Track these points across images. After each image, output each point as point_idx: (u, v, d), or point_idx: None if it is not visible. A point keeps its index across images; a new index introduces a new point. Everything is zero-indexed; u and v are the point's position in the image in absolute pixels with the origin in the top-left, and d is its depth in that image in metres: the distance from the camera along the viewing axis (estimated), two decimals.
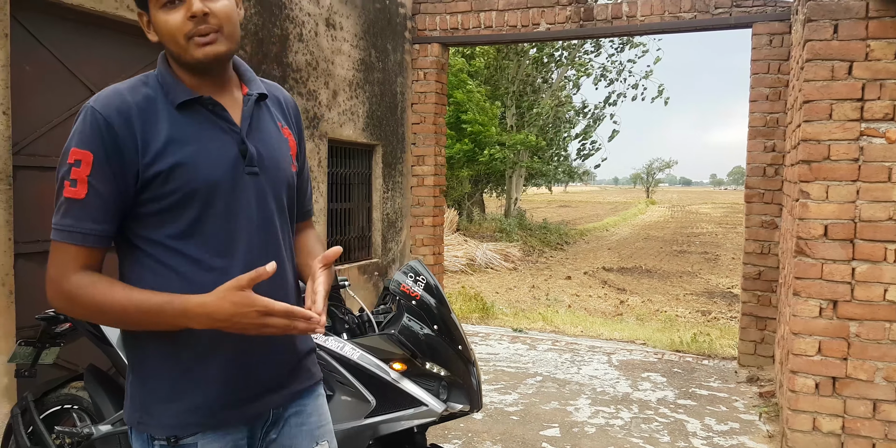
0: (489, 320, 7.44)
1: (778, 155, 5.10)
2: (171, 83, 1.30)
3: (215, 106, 1.32)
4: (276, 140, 1.42)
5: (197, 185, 1.27)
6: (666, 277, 14.22)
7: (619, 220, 32.39)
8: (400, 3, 6.06)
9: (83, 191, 1.22)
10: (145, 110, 1.26)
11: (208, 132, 1.30)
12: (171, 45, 1.28)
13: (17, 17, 2.90)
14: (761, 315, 5.19)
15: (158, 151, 1.25)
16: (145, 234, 1.29)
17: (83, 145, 1.22)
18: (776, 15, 5.11)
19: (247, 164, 1.33)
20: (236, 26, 1.31)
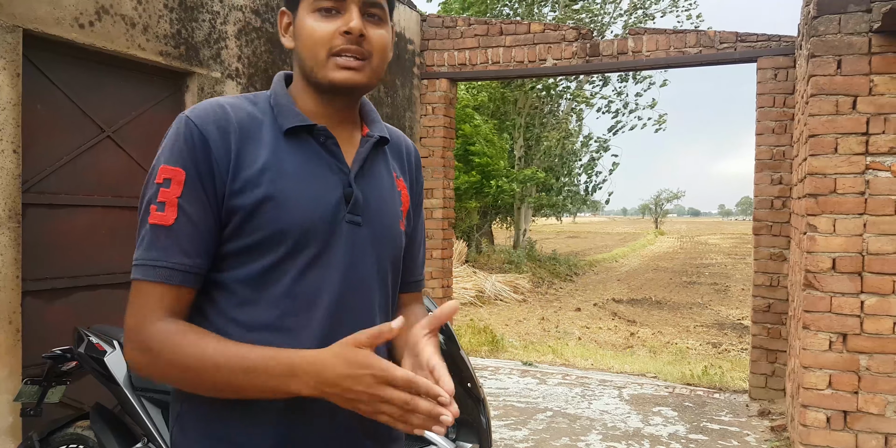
0: (499, 353, 7.39)
1: (785, 187, 5.11)
2: (284, 106, 1.13)
3: (328, 139, 1.13)
4: (387, 191, 1.22)
5: (287, 225, 1.06)
6: (676, 309, 14.12)
7: (628, 251, 32.29)
8: (408, 39, 6.18)
9: (172, 215, 1.02)
10: (247, 129, 1.09)
11: (313, 167, 1.11)
12: (307, 57, 1.11)
13: (29, 56, 2.98)
14: (771, 348, 5.14)
15: (250, 179, 1.06)
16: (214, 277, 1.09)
17: (174, 161, 1.04)
18: (780, 49, 5.18)
19: (349, 211, 1.12)
20: (385, 62, 1.15)
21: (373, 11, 1.12)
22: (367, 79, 1.11)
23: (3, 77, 2.79)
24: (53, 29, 3.00)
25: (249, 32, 4.26)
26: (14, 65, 2.83)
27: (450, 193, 6.62)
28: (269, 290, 1.07)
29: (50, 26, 2.98)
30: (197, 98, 3.85)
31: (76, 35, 3.10)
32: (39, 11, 2.93)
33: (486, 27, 6.13)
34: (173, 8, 3.63)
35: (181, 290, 1.04)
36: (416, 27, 6.29)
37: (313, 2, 1.10)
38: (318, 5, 1.10)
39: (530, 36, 5.98)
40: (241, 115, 1.09)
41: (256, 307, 1.07)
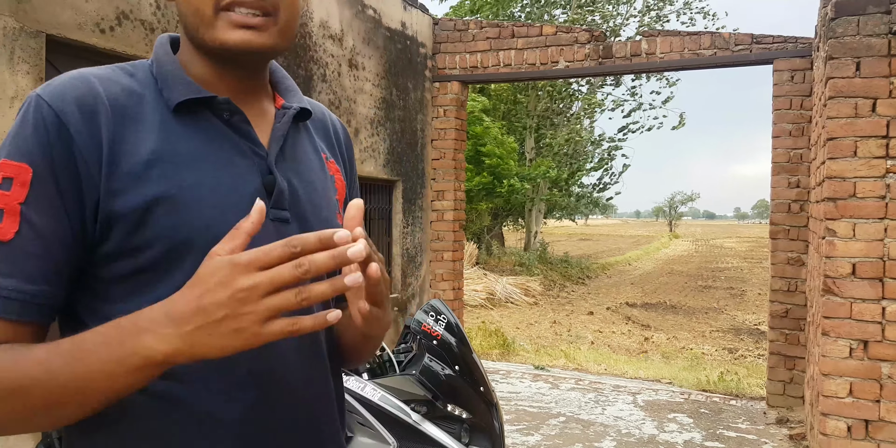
0: (510, 357, 7.35)
1: (803, 191, 5.04)
2: (172, 74, 0.86)
3: (234, 114, 0.87)
4: (317, 176, 0.96)
5: (191, 233, 0.80)
6: (691, 313, 14.00)
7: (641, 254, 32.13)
8: (420, 43, 6.17)
9: (12, 228, 0.74)
10: (123, 108, 0.82)
11: (218, 152, 0.85)
12: (190, 13, 0.84)
13: (52, 60, 3.00)
14: (790, 354, 5.07)
15: (134, 173, 0.79)
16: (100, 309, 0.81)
17: (17, 155, 0.76)
18: (797, 51, 5.11)
19: (272, 206, 0.87)
20: (297, 16, 0.88)
21: None
22: (272, 40, 0.84)
23: (26, 81, 2.82)
24: (75, 34, 3.03)
25: None
26: (37, 69, 2.87)
27: (461, 196, 6.59)
28: None
29: (72, 31, 3.02)
30: None
31: (97, 40, 3.13)
32: (62, 17, 2.96)
33: (498, 30, 6.11)
34: None
35: (18, 328, 0.75)
36: (427, 31, 6.28)
37: None
38: None
39: (542, 38, 5.94)
40: (113, 89, 0.82)
41: None
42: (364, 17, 5.32)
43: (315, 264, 0.65)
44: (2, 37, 2.75)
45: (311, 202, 0.92)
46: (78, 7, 3.04)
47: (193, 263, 0.74)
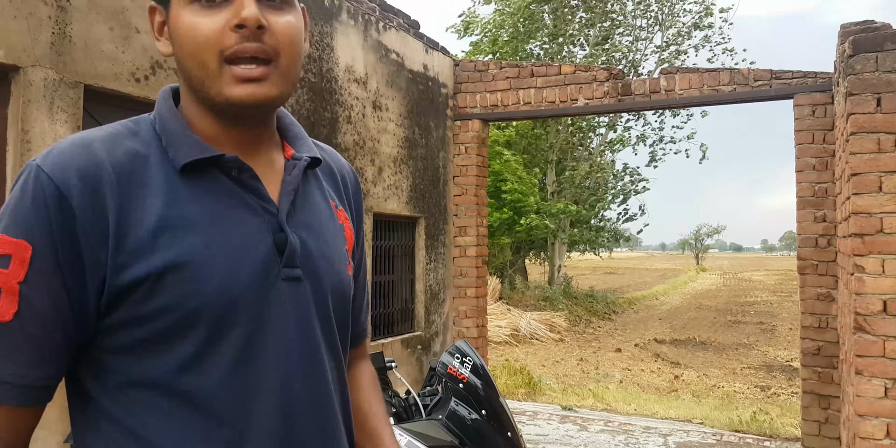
0: (536, 396, 7.25)
1: (829, 225, 4.98)
2: (177, 133, 0.83)
3: (243, 171, 0.84)
4: (329, 228, 0.94)
5: (203, 300, 0.77)
6: (721, 350, 13.73)
7: (668, 288, 31.71)
8: (442, 83, 6.28)
9: (10, 308, 0.72)
10: (128, 175, 0.78)
11: (227, 212, 0.82)
12: (192, 66, 0.81)
13: (89, 109, 3.13)
14: (824, 393, 4.94)
15: (141, 244, 0.76)
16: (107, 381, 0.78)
17: (15, 231, 0.74)
18: (817, 86, 5.12)
19: (284, 265, 0.84)
20: (298, 60, 0.85)
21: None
22: (276, 90, 0.83)
23: (64, 130, 2.94)
24: (112, 84, 3.17)
25: None
26: (75, 118, 2.99)
27: (483, 231, 6.61)
28: (189, 393, 0.77)
29: (109, 81, 3.15)
30: None
31: (132, 89, 3.26)
32: (100, 68, 3.10)
33: (518, 70, 6.20)
34: None
35: (22, 413, 0.74)
36: (448, 71, 6.40)
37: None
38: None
39: (561, 77, 6.02)
40: (117, 154, 0.79)
41: (172, 419, 0.77)
42: (387, 60, 5.45)
43: None
44: (42, 88, 2.88)
45: (324, 257, 0.90)
46: (115, 58, 3.17)
47: (201, 332, 0.77)
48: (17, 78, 2.81)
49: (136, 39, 3.28)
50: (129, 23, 3.25)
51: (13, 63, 2.77)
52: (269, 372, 0.81)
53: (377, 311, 5.46)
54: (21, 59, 2.80)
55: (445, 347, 6.31)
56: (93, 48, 3.08)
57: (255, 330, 0.81)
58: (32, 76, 2.84)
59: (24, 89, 2.82)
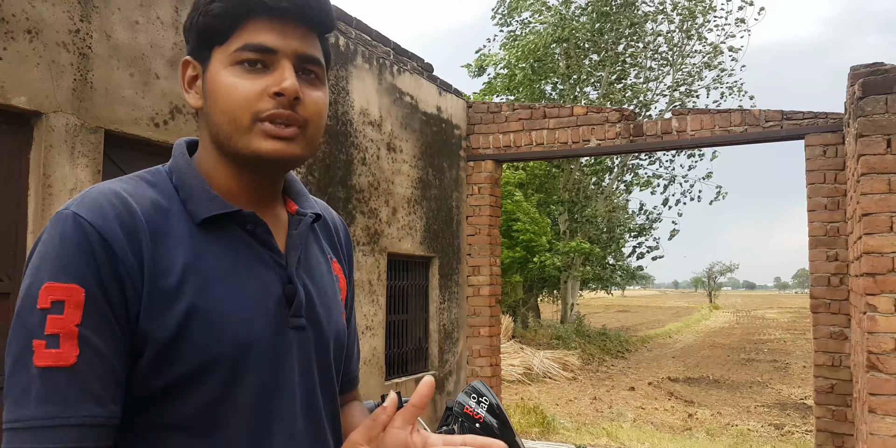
0: (550, 435, 7.18)
1: (842, 264, 5.00)
2: (196, 188, 0.88)
3: (258, 226, 0.90)
4: (327, 280, 1.01)
5: (221, 348, 0.82)
6: (735, 388, 13.55)
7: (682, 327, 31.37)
8: (455, 125, 6.42)
9: (72, 352, 0.74)
10: (156, 225, 0.83)
11: (243, 264, 0.88)
12: (223, 122, 0.87)
13: (109, 153, 3.21)
14: (837, 431, 4.89)
15: (168, 291, 0.81)
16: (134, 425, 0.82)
17: (64, 276, 0.76)
18: (828, 127, 5.20)
19: (292, 315, 0.90)
20: (322, 129, 0.93)
21: (310, 68, 0.90)
22: (301, 151, 0.89)
23: (85, 174, 3.02)
24: (132, 128, 3.25)
25: None
26: (96, 162, 3.07)
27: (496, 271, 6.65)
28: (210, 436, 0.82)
29: (129, 126, 3.23)
30: None
31: (152, 133, 3.35)
32: (120, 113, 3.19)
33: (530, 111, 6.34)
34: None
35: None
36: (462, 113, 6.55)
37: (234, 52, 0.86)
38: (240, 56, 0.86)
39: (573, 118, 6.14)
40: (144, 205, 0.84)
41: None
42: (401, 103, 5.60)
43: None
44: (64, 133, 2.95)
45: (324, 306, 0.97)
46: (135, 103, 3.26)
47: (217, 379, 0.82)
48: (40, 124, 2.89)
49: (155, 85, 3.38)
50: (149, 69, 3.35)
51: (35, 109, 2.85)
52: (281, 415, 0.88)
53: (391, 351, 5.48)
54: (43, 105, 2.88)
55: (459, 386, 6.30)
56: (113, 94, 3.16)
57: (268, 375, 0.87)
58: (54, 122, 2.91)
59: (47, 135, 2.89)
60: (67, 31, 2.99)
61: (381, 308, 5.21)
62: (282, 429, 0.87)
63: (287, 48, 0.87)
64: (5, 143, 2.88)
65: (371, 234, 5.11)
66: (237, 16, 0.86)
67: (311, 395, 0.92)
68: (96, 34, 3.10)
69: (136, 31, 3.28)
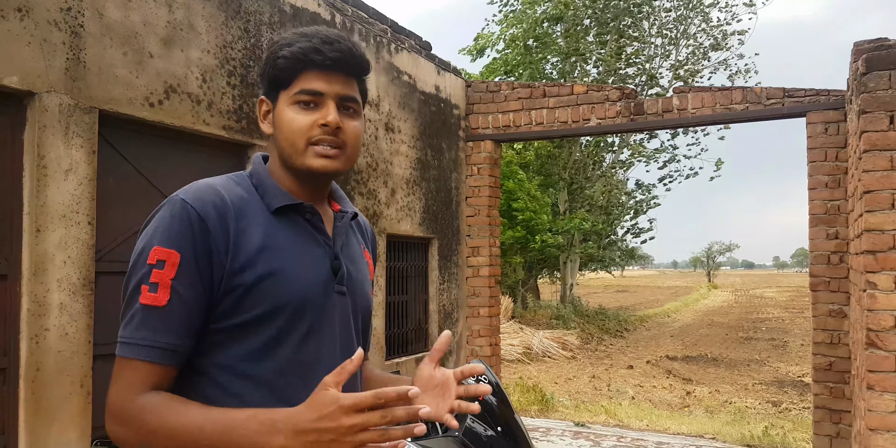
0: (549, 413, 7.23)
1: (842, 242, 5.00)
2: (270, 186, 1.21)
3: (314, 215, 1.22)
4: (361, 261, 1.33)
5: (287, 299, 1.13)
6: (733, 366, 13.64)
7: (680, 306, 31.51)
8: (454, 105, 6.36)
9: (165, 297, 1.06)
10: (241, 210, 1.15)
11: (303, 242, 1.19)
12: (286, 145, 1.19)
13: (104, 134, 3.18)
14: (835, 408, 4.93)
15: (250, 258, 1.11)
16: (206, 354, 1.12)
17: (169, 243, 1.07)
18: (830, 104, 5.16)
19: (337, 282, 1.22)
20: (358, 149, 1.24)
21: (348, 105, 1.20)
22: (342, 165, 1.20)
23: (80, 154, 2.99)
24: (126, 108, 3.21)
25: None
26: (90, 143, 3.03)
27: (496, 251, 6.65)
28: (270, 362, 1.12)
29: (123, 106, 3.19)
30: None
31: (146, 113, 3.31)
32: (114, 93, 3.15)
33: (530, 90, 6.28)
34: (235, 85, 3.85)
35: (168, 369, 1.07)
36: (461, 93, 6.49)
37: (293, 95, 1.18)
38: (298, 98, 1.17)
39: (573, 97, 6.09)
40: (233, 196, 1.15)
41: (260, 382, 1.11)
42: (399, 82, 5.54)
43: (395, 416, 0.93)
44: (58, 113, 2.92)
45: (359, 281, 1.29)
46: (129, 83, 3.22)
47: (283, 320, 1.13)
48: (33, 104, 2.86)
49: (149, 64, 3.32)
50: (143, 47, 3.29)
51: (28, 89, 2.81)
52: (326, 350, 1.18)
53: (391, 331, 5.49)
54: (36, 84, 2.84)
55: (459, 366, 6.32)
56: (107, 73, 3.12)
57: (317, 323, 1.17)
58: (48, 102, 2.88)
59: (40, 115, 2.86)
60: (59, 9, 2.94)
61: (380, 289, 5.21)
62: (325, 365, 1.14)
63: (331, 91, 1.18)
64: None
65: (370, 216, 5.09)
66: (296, 69, 1.18)
67: (348, 344, 1.23)
68: (88, 12, 3.05)
69: (128, 8, 3.23)
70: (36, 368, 2.81)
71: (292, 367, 1.14)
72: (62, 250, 2.91)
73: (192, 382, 1.11)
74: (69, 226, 2.93)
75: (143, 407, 1.03)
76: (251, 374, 1.11)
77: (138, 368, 1.05)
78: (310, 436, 0.95)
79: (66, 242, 2.92)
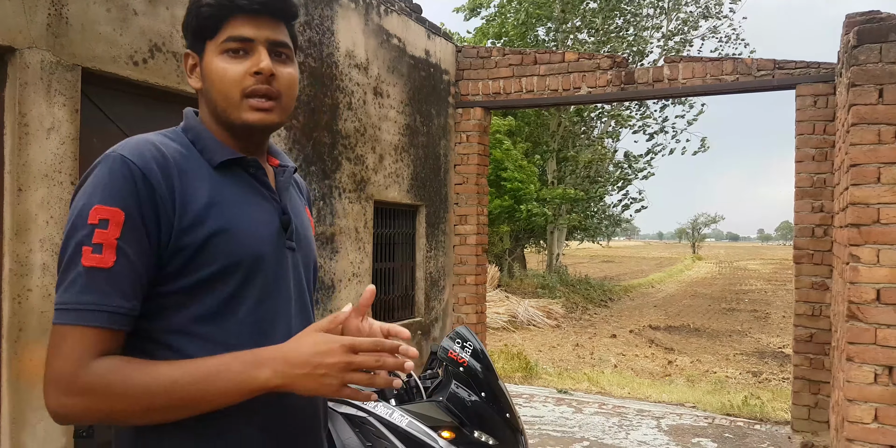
0: (532, 380, 7.33)
1: (826, 215, 5.04)
2: (210, 140, 1.15)
3: (258, 170, 1.18)
4: (304, 216, 1.30)
5: (242, 256, 1.08)
6: (715, 336, 13.85)
7: (664, 277, 31.84)
8: (444, 70, 6.29)
9: (111, 258, 0.98)
10: (182, 166, 1.08)
11: (251, 198, 1.15)
12: (219, 98, 1.13)
13: (87, 92, 3.11)
14: (814, 379, 5.03)
15: (198, 214, 1.06)
16: (156, 318, 1.05)
17: (111, 201, 1.00)
18: (820, 76, 5.14)
19: (287, 238, 1.18)
20: (294, 98, 1.20)
21: (280, 50, 1.15)
22: (278, 118, 1.16)
23: (63, 113, 2.92)
24: (110, 66, 3.13)
25: None
26: (73, 101, 2.97)
27: (483, 220, 6.65)
28: (228, 321, 1.07)
29: (106, 64, 3.12)
30: None
31: (130, 72, 3.23)
32: (97, 50, 3.07)
33: (521, 57, 6.21)
34: None
35: (118, 335, 1.01)
36: (451, 58, 6.40)
37: (221, 43, 1.12)
38: (226, 46, 1.11)
39: (564, 65, 6.03)
40: (171, 152, 1.09)
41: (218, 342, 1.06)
42: (389, 46, 5.45)
43: (386, 364, 0.98)
44: (39, 70, 2.85)
45: (305, 236, 1.26)
46: (112, 40, 3.14)
47: (238, 278, 1.08)
48: (14, 60, 2.79)
49: (134, 22, 3.24)
50: (127, 4, 3.20)
51: (9, 44, 2.74)
52: (283, 305, 1.15)
53: (377, 298, 5.51)
54: (17, 40, 2.77)
55: (445, 333, 6.38)
56: (90, 30, 3.03)
57: (272, 279, 1.13)
58: (29, 58, 2.81)
59: (21, 72, 2.79)
60: None
61: (367, 255, 5.21)
62: (282, 318, 1.14)
63: (261, 37, 1.13)
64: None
65: (357, 181, 5.06)
66: (221, 16, 1.11)
67: (301, 300, 1.21)
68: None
69: None
70: (19, 329, 2.79)
71: (249, 326, 1.09)
72: (45, 210, 2.87)
73: (142, 348, 1.04)
74: (52, 185, 2.89)
75: (102, 372, 0.96)
76: (206, 335, 1.06)
77: (86, 335, 0.97)
78: (303, 368, 0.97)
79: (48, 202, 2.88)
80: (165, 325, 1.05)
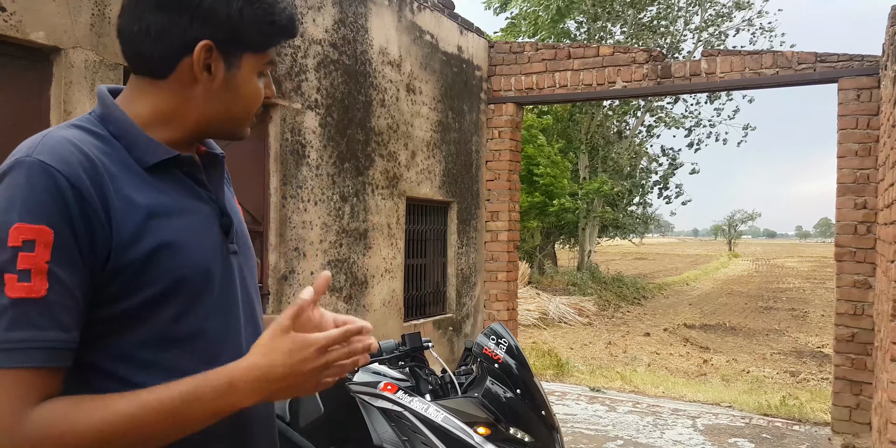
0: (564, 378, 7.29)
1: (870, 212, 4.90)
2: (136, 136, 0.97)
3: (194, 168, 1.03)
4: (237, 211, 1.16)
5: (188, 271, 0.95)
6: (751, 335, 13.62)
7: (700, 274, 31.39)
8: (476, 65, 6.27)
9: (42, 286, 0.83)
10: (110, 169, 0.92)
11: (189, 201, 1.01)
12: (239, 115, 1.05)
13: None
14: (856, 379, 4.90)
15: (138, 228, 0.91)
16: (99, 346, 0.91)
17: (34, 218, 0.83)
18: (863, 69, 5.01)
19: (230, 242, 1.06)
20: None
21: None
22: None
23: None
24: None
25: (328, 65, 4.41)
26: None
27: (515, 216, 6.62)
28: (176, 345, 0.95)
29: None
30: (279, 128, 4.00)
31: None
32: None
33: (554, 51, 6.16)
34: None
35: (58, 372, 0.86)
36: (483, 53, 6.38)
37: (264, 65, 1.05)
38: (265, 69, 1.05)
39: (599, 59, 5.96)
40: (97, 153, 0.92)
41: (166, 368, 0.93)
42: (421, 42, 5.45)
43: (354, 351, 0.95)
44: (83, 69, 2.93)
45: (243, 234, 1.13)
46: None
47: (184, 296, 0.95)
48: (59, 59, 2.86)
49: None
50: None
51: (54, 44, 2.81)
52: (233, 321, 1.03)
53: (409, 293, 5.52)
54: (62, 40, 2.84)
55: (476, 329, 6.37)
56: None
57: (220, 292, 1.01)
58: (73, 58, 2.88)
59: (66, 71, 2.86)
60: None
61: (399, 251, 5.23)
62: (232, 336, 1.02)
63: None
64: (25, 80, 2.85)
65: (390, 178, 5.07)
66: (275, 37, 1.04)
67: (249, 307, 1.09)
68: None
69: None
70: None
71: (199, 345, 0.97)
72: None
73: (84, 380, 0.90)
74: None
75: (48, 422, 0.81)
76: (154, 360, 0.93)
77: (21, 378, 0.82)
78: (282, 382, 0.90)
79: None
80: (107, 353, 0.91)
